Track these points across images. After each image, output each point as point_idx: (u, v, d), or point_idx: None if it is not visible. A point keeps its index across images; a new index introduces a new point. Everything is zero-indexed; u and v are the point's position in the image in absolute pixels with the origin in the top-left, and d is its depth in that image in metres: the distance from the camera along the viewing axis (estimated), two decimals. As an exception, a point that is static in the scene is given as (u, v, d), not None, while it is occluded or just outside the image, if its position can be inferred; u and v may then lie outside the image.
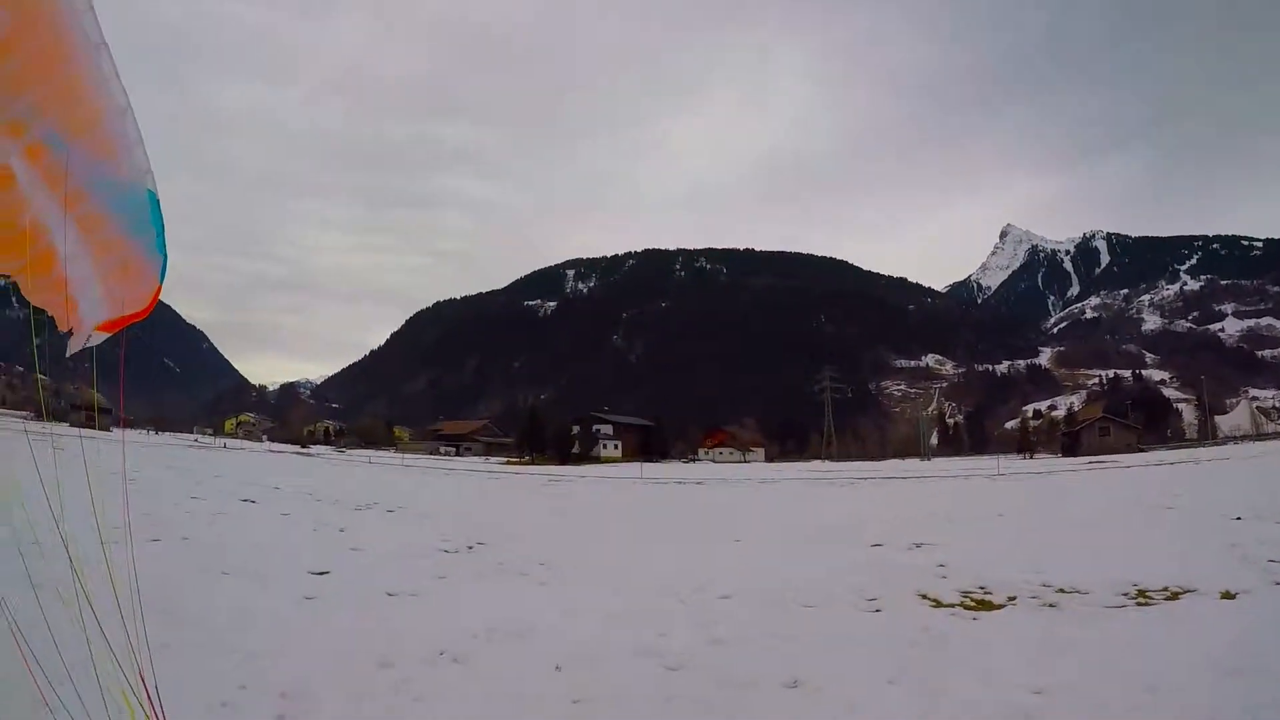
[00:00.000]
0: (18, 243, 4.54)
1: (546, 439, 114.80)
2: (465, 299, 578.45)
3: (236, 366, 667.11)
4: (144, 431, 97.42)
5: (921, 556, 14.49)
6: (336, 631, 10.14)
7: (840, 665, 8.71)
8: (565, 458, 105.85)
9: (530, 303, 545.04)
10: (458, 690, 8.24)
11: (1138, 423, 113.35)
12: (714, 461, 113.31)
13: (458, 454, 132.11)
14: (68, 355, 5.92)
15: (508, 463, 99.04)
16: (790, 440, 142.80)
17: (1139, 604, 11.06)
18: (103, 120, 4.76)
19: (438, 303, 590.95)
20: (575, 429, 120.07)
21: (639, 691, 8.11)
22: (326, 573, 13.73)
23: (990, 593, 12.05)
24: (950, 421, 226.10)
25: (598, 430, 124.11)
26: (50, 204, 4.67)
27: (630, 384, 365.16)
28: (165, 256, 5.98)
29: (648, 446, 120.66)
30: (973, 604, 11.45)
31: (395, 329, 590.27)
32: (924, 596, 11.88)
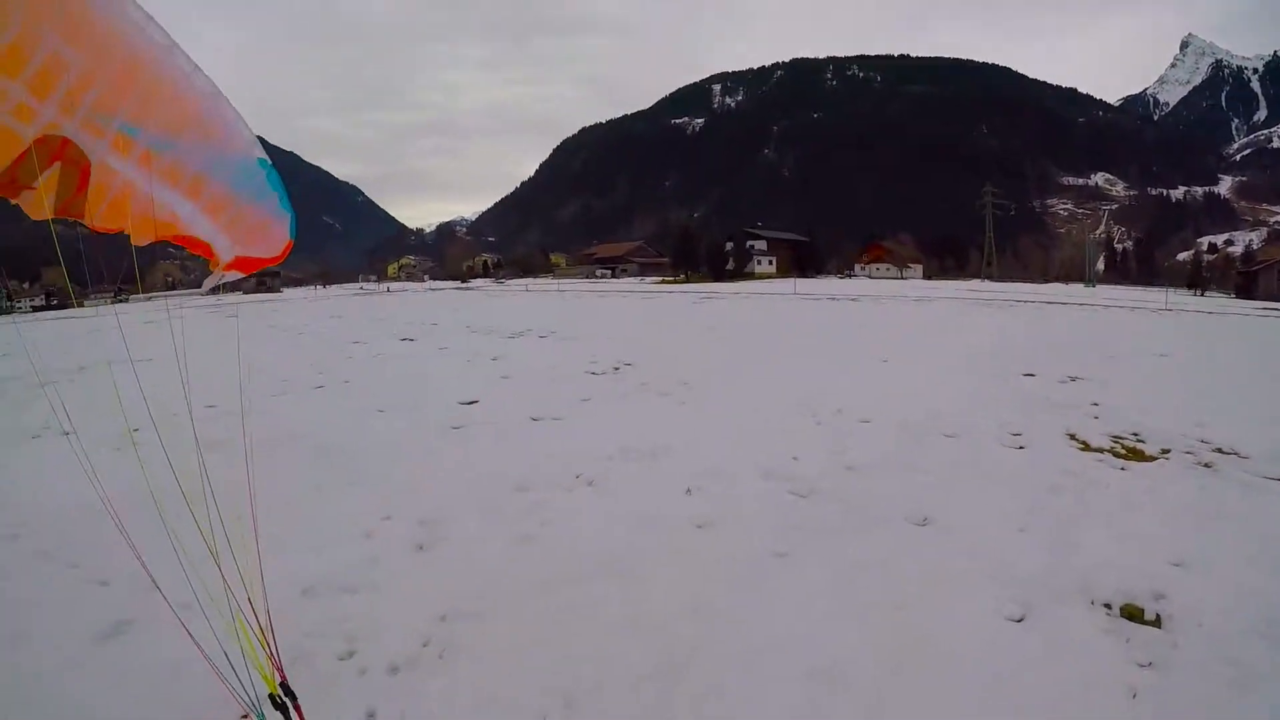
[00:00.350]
0: (158, 231, 5.17)
1: (700, 257, 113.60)
2: (610, 123, 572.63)
3: (393, 214, 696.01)
4: (312, 287, 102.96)
5: (1075, 392, 13.23)
6: (478, 459, 10.50)
7: (973, 505, 8.19)
8: (719, 275, 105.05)
9: (677, 121, 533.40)
10: (586, 513, 8.35)
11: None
12: (870, 277, 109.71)
13: (613, 276, 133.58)
14: (202, 290, 7.06)
15: (662, 282, 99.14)
16: (949, 257, 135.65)
17: (1303, 476, 9.57)
18: (197, 111, 5.22)
19: (583, 129, 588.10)
20: (728, 245, 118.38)
21: (763, 518, 7.95)
22: (475, 402, 14.22)
23: (1143, 441, 10.83)
24: (1118, 247, 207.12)
25: (751, 246, 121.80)
26: (175, 196, 5.18)
27: (783, 198, 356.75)
28: (293, 214, 7.05)
29: (802, 262, 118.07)
30: (1123, 451, 10.35)
31: (543, 159, 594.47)
32: (1072, 437, 10.89)
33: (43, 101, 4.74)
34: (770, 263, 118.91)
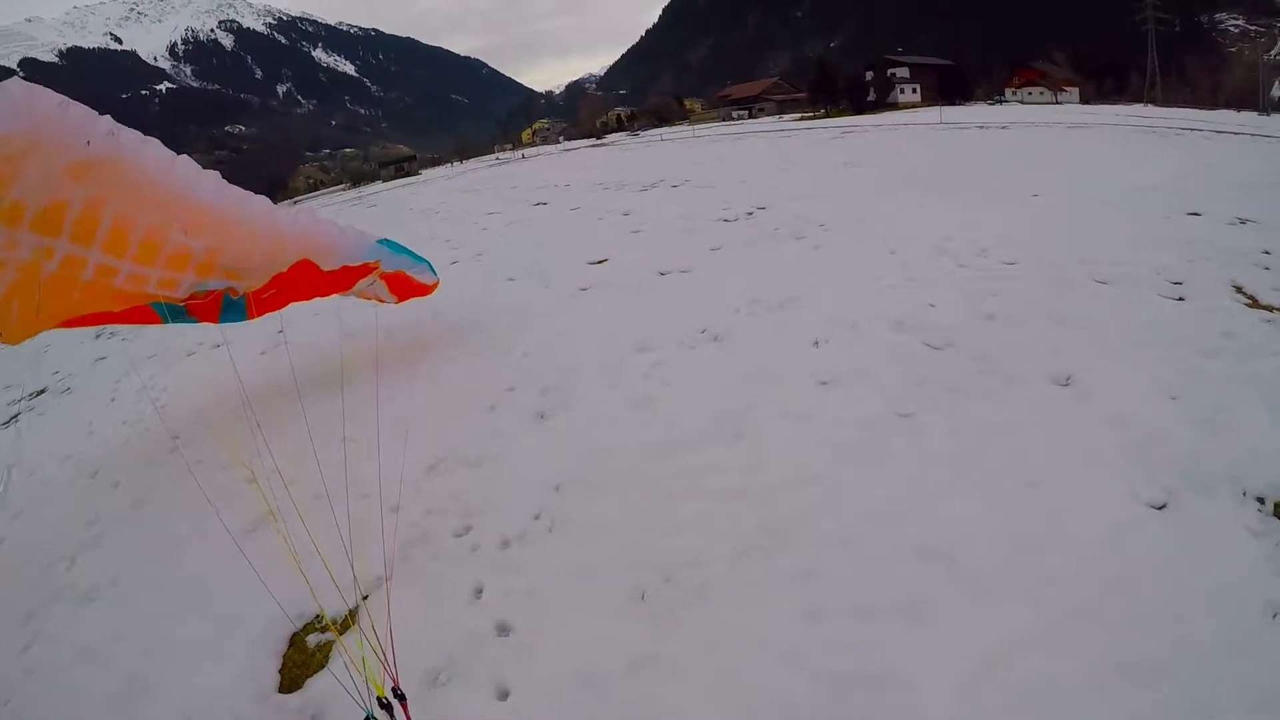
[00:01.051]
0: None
1: (838, 89, 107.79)
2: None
3: (520, 81, 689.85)
4: (449, 165, 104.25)
5: (1245, 236, 11.06)
6: (603, 320, 10.46)
7: (1120, 365, 7.18)
8: (860, 107, 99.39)
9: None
10: (707, 372, 8.14)
11: None
12: (1022, 103, 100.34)
13: (750, 116, 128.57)
14: (351, 292, 9.55)
15: (800, 118, 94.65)
16: (1107, 79, 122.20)
17: None
18: (309, 244, 8.13)
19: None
20: (868, 75, 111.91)
21: (891, 373, 7.45)
22: (604, 261, 14.11)
23: None
24: None
25: (892, 74, 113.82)
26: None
27: (926, 20, 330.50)
28: (427, 261, 10.24)
29: (948, 89, 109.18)
30: None
31: (666, 3, 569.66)
32: (1238, 290, 9.17)
33: (183, 273, 7.44)
34: (914, 91, 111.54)
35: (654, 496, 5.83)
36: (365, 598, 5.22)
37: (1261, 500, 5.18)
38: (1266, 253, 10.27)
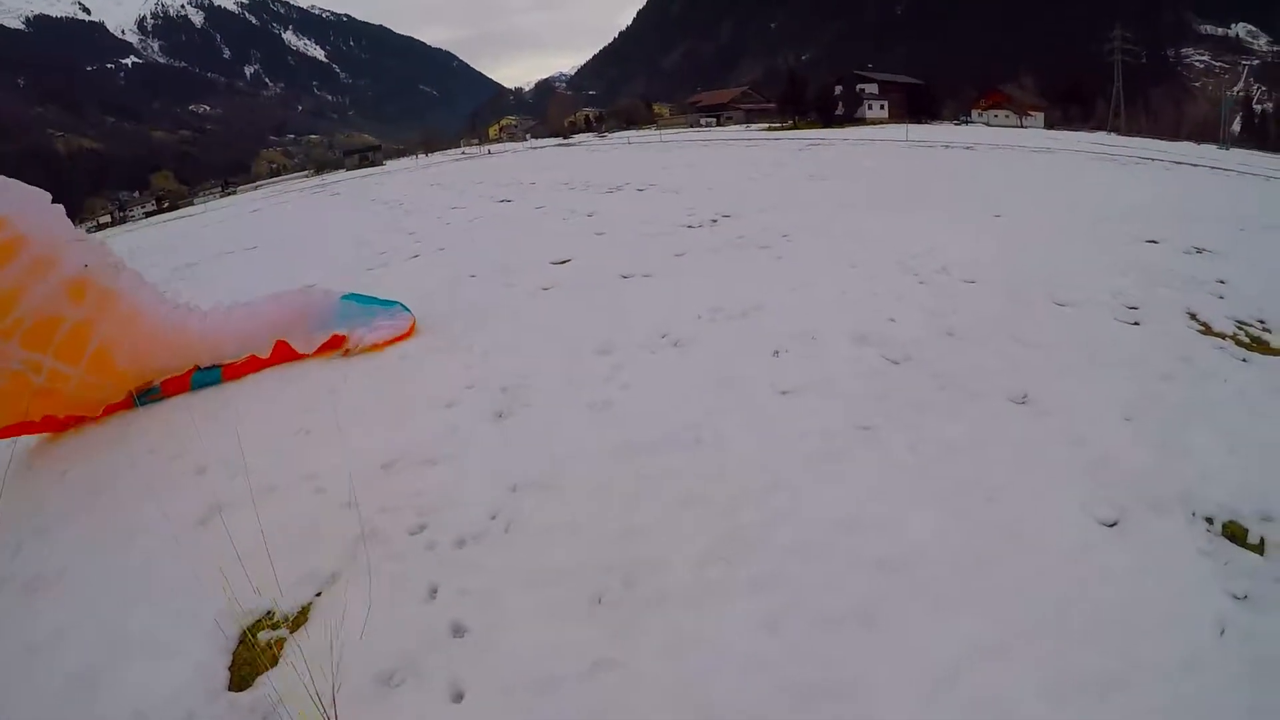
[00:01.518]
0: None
1: (808, 102, 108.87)
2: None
3: (490, 76, 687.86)
4: (414, 157, 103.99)
5: (1201, 265, 11.62)
6: (564, 321, 10.35)
7: (1078, 386, 7.35)
8: (828, 120, 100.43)
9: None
10: (668, 378, 8.12)
11: None
12: (987, 125, 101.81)
13: (718, 124, 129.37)
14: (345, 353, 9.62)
15: (768, 129, 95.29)
16: (1073, 106, 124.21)
17: None
18: (286, 321, 9.07)
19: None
20: (838, 89, 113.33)
21: (851, 386, 7.52)
22: (567, 261, 14.00)
23: (1269, 330, 9.19)
24: (1257, 108, 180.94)
25: (861, 90, 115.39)
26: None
27: (898, 38, 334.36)
28: (398, 303, 10.29)
29: (916, 107, 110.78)
30: (1246, 340, 8.83)
31: (641, 6, 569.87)
32: (1193, 316, 9.45)
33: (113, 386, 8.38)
34: (882, 107, 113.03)
35: (613, 500, 5.79)
36: (319, 594, 5.15)
37: (1210, 521, 5.33)
38: (1221, 281, 10.60)
